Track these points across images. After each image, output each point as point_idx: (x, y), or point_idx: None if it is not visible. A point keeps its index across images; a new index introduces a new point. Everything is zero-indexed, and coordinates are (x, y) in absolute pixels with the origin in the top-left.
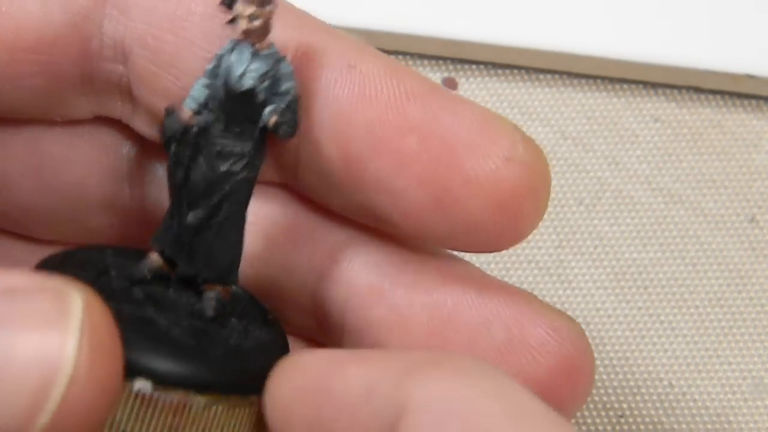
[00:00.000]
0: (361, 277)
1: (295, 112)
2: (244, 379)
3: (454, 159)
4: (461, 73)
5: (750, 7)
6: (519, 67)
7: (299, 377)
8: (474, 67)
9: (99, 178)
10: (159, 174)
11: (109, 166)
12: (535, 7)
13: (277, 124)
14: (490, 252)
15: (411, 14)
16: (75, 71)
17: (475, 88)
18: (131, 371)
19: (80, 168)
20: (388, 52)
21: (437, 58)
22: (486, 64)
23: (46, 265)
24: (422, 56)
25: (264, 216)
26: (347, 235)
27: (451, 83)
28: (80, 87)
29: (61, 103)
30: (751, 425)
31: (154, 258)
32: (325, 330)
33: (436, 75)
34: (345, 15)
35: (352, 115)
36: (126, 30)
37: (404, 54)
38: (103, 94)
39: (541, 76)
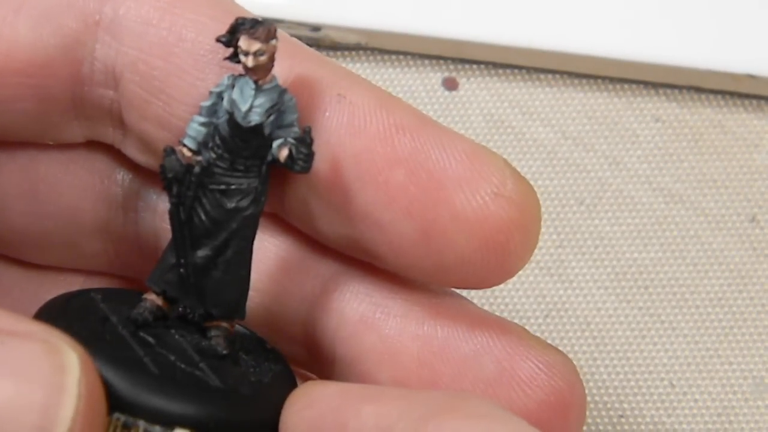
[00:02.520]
0: (353, 306)
1: (309, 145)
2: (272, 415)
3: (442, 193)
4: (462, 73)
5: (751, 6)
6: (520, 67)
7: (313, 410)
8: (475, 66)
9: (93, 203)
10: (152, 200)
11: (103, 192)
12: (536, 7)
13: (291, 159)
14: (479, 288)
15: (412, 14)
16: (66, 95)
17: (475, 88)
18: (171, 421)
19: (74, 192)
20: (389, 52)
21: (438, 57)
22: (487, 63)
23: (45, 318)
24: (423, 56)
25: (257, 246)
26: (339, 264)
27: (451, 83)
28: (71, 111)
29: (52, 126)
30: (752, 425)
31: (153, 299)
32: (316, 360)
33: (436, 75)
34: (346, 15)
35: (340, 146)
36: (117, 55)
37: (404, 54)
38: (94, 119)
39: (542, 76)
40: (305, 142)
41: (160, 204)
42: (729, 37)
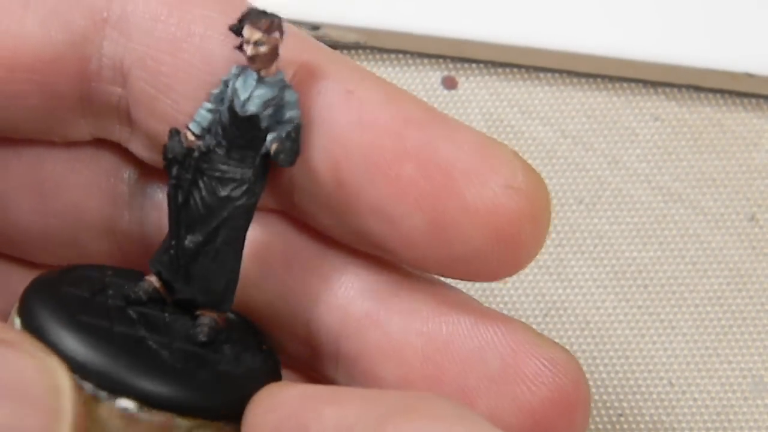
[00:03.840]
0: (357, 303)
1: (295, 140)
2: (230, 406)
3: (453, 186)
4: (461, 72)
5: (750, 5)
6: (519, 66)
7: (275, 413)
8: (474, 65)
9: (98, 202)
10: (158, 199)
11: (108, 190)
12: (535, 6)
13: (276, 152)
14: (489, 281)
15: (411, 13)
16: (73, 92)
17: (474, 87)
18: (116, 389)
19: (80, 191)
20: (388, 51)
21: (437, 56)
22: (486, 62)
23: (42, 281)
24: (422, 55)
25: (260, 242)
26: (343, 261)
27: (450, 82)
28: (79, 108)
29: (59, 123)
30: (751, 424)
31: (151, 280)
32: (320, 358)
33: (435, 74)
34: (344, 13)
35: (349, 140)
36: (125, 51)
37: (404, 53)
38: (101, 117)
39: (541, 75)
40: (291, 136)
41: (166, 203)
42: (728, 36)
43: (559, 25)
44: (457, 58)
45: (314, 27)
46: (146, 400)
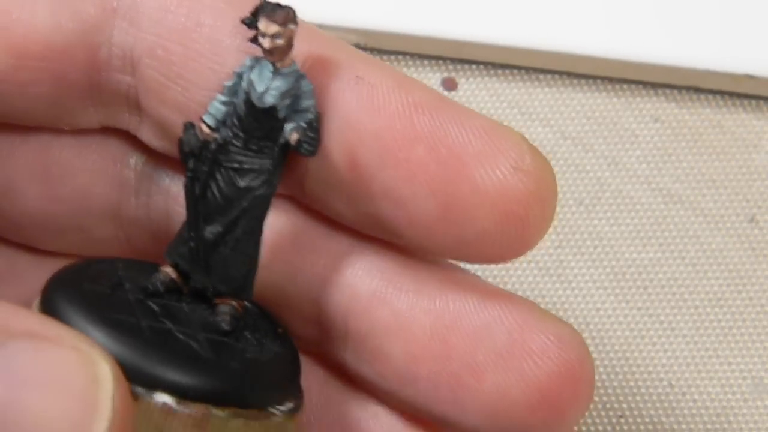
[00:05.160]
0: (365, 282)
1: (316, 130)
2: (262, 392)
3: (462, 168)
4: (461, 73)
5: (750, 7)
6: (519, 68)
7: None
8: (474, 67)
9: (105, 188)
10: (165, 185)
11: (115, 176)
12: (535, 8)
13: (298, 142)
14: (497, 263)
15: (411, 14)
16: (83, 80)
17: (474, 88)
18: (153, 384)
19: (87, 177)
20: (388, 53)
21: (437, 58)
22: (486, 64)
23: (61, 278)
24: (422, 56)
25: (269, 225)
26: (351, 242)
27: (450, 83)
28: (88, 96)
29: (68, 112)
30: (751, 425)
31: (168, 271)
32: (328, 338)
33: (435, 75)
34: (344, 15)
35: (360, 125)
36: (135, 41)
37: (404, 54)
38: (110, 105)
39: (541, 77)
40: (313, 126)
41: (173, 187)
42: (728, 38)
43: (559, 26)
44: (457, 59)
45: None
46: (185, 394)
